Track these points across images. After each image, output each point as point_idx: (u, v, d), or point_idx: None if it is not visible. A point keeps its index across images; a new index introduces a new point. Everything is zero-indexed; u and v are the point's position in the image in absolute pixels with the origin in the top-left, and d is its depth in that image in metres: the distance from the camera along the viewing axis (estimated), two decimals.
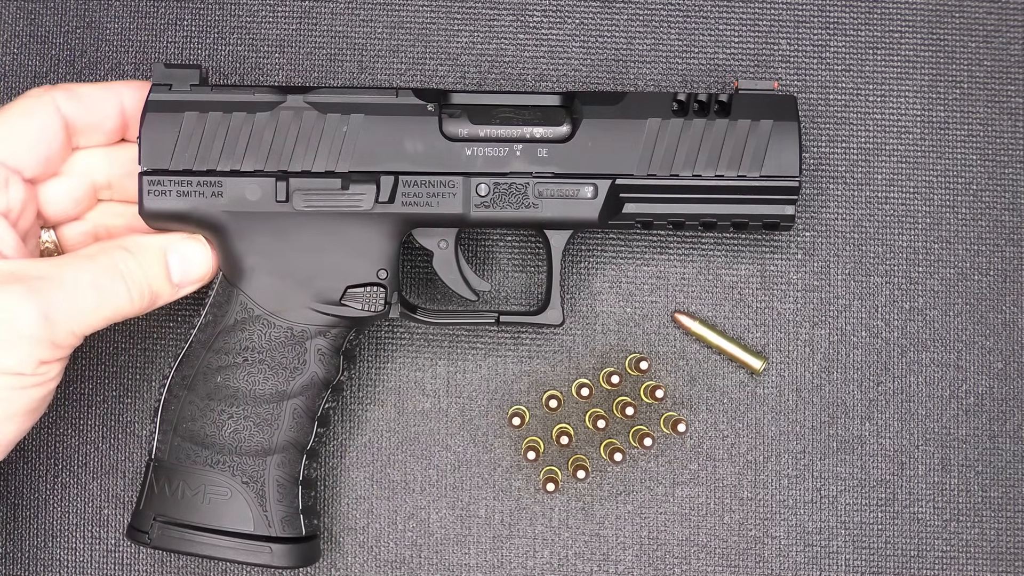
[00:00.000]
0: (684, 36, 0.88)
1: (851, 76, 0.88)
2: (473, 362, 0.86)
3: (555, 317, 0.81)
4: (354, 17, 0.88)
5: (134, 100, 0.78)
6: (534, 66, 0.87)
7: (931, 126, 0.88)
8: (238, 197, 0.77)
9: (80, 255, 0.74)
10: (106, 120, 0.78)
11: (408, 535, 0.86)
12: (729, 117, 0.79)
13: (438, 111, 0.78)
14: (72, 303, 0.72)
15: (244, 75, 0.87)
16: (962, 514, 0.86)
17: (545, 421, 0.86)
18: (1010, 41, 0.88)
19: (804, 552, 0.86)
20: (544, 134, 0.78)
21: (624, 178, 0.78)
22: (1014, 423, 0.87)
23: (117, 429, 0.86)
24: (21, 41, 0.88)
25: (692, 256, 0.87)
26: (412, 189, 0.78)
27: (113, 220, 0.81)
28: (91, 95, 0.77)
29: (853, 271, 0.87)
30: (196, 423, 0.77)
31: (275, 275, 0.77)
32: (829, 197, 0.87)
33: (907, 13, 0.88)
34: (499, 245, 0.87)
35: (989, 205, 0.87)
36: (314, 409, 0.78)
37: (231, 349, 0.77)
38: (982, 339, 0.87)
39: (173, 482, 0.77)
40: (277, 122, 0.77)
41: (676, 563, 0.86)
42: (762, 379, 0.86)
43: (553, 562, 0.86)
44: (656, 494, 0.86)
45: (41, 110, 0.76)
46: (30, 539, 0.85)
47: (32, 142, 0.76)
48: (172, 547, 0.76)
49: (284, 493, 0.78)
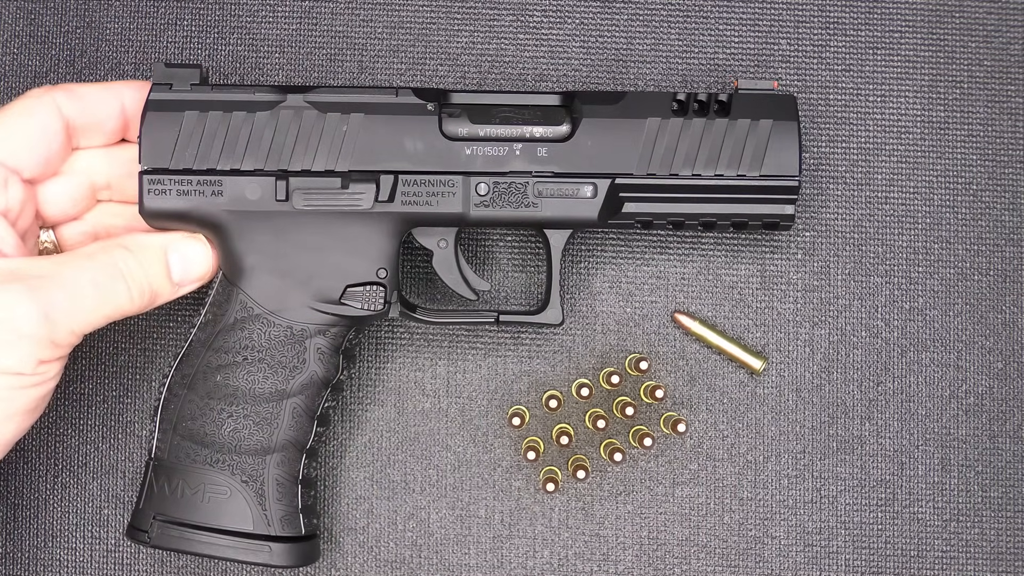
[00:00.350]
0: (684, 36, 0.88)
1: (851, 76, 0.88)
2: (473, 362, 0.86)
3: (555, 317, 0.81)
4: (354, 17, 0.88)
5: (135, 100, 0.78)
6: (534, 66, 0.88)
7: (931, 126, 0.88)
8: (238, 196, 0.77)
9: (80, 254, 0.74)
10: (107, 120, 0.78)
11: (408, 535, 0.86)
12: (729, 117, 0.79)
13: (438, 110, 0.78)
14: (72, 302, 0.71)
15: (244, 75, 0.87)
16: (962, 514, 0.86)
17: (545, 421, 0.86)
18: (1010, 41, 0.88)
19: (804, 552, 0.86)
20: (544, 133, 0.78)
21: (624, 177, 0.78)
22: (1014, 423, 0.87)
23: (117, 429, 0.86)
24: (21, 41, 0.88)
25: (692, 256, 0.87)
26: (412, 188, 0.78)
27: (112, 220, 0.81)
28: (92, 95, 0.77)
29: (853, 271, 0.87)
30: (196, 422, 0.77)
31: (275, 274, 0.77)
32: (829, 197, 0.87)
33: (907, 13, 0.88)
34: (499, 245, 0.87)
35: (989, 205, 0.87)
36: (314, 408, 0.78)
37: (231, 348, 0.77)
38: (982, 339, 0.87)
39: (173, 481, 0.77)
40: (277, 121, 0.77)
41: (676, 563, 0.86)
42: (762, 379, 0.86)
43: (553, 562, 0.86)
44: (656, 494, 0.86)
45: (42, 110, 0.76)
46: (30, 539, 0.85)
47: (32, 142, 0.76)
48: (172, 546, 0.76)
49: (284, 492, 0.78)
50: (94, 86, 0.78)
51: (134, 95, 0.78)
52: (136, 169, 0.78)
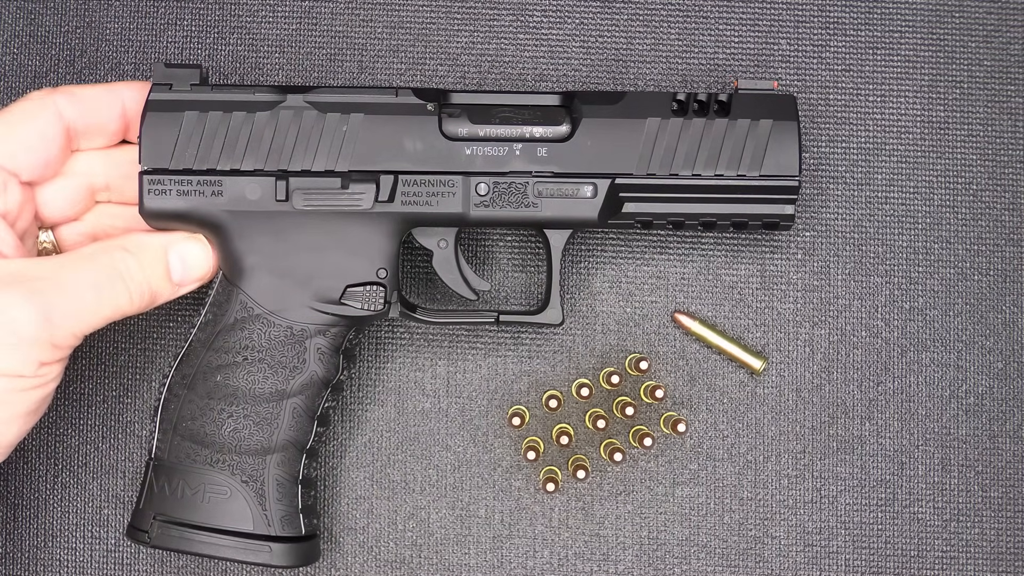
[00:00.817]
0: (684, 36, 0.88)
1: (851, 76, 0.88)
2: (473, 362, 0.86)
3: (555, 317, 0.81)
4: (354, 17, 0.88)
5: (135, 101, 0.78)
6: (534, 66, 0.87)
7: (931, 126, 0.88)
8: (238, 196, 0.77)
9: (79, 255, 0.74)
10: (108, 123, 0.78)
11: (408, 535, 0.86)
12: (729, 117, 0.79)
13: (438, 111, 0.78)
14: (72, 304, 0.71)
15: (244, 75, 0.87)
16: (962, 514, 0.86)
17: (545, 421, 0.86)
18: (1010, 41, 0.88)
19: (804, 552, 0.86)
20: (544, 133, 0.78)
21: (623, 177, 0.78)
22: (1014, 423, 0.87)
23: (117, 429, 0.86)
24: (21, 41, 0.88)
25: (692, 256, 0.87)
26: (412, 188, 0.78)
27: (111, 221, 0.81)
28: (92, 98, 0.77)
29: (853, 271, 0.87)
30: (196, 422, 0.77)
31: (275, 274, 0.77)
32: (829, 197, 0.87)
33: (907, 13, 0.88)
34: (499, 245, 0.87)
35: (989, 205, 0.87)
36: (314, 408, 0.78)
37: (231, 348, 0.77)
38: (982, 339, 0.87)
39: (173, 481, 0.77)
40: (277, 121, 0.77)
41: (676, 563, 0.86)
42: (762, 379, 0.86)
43: (553, 562, 0.86)
44: (656, 494, 0.86)
45: (42, 114, 0.76)
46: (30, 539, 0.85)
47: (32, 146, 0.76)
48: (172, 546, 0.76)
49: (284, 492, 0.78)
50: (94, 88, 0.78)
51: (134, 96, 0.78)
52: (135, 170, 0.78)
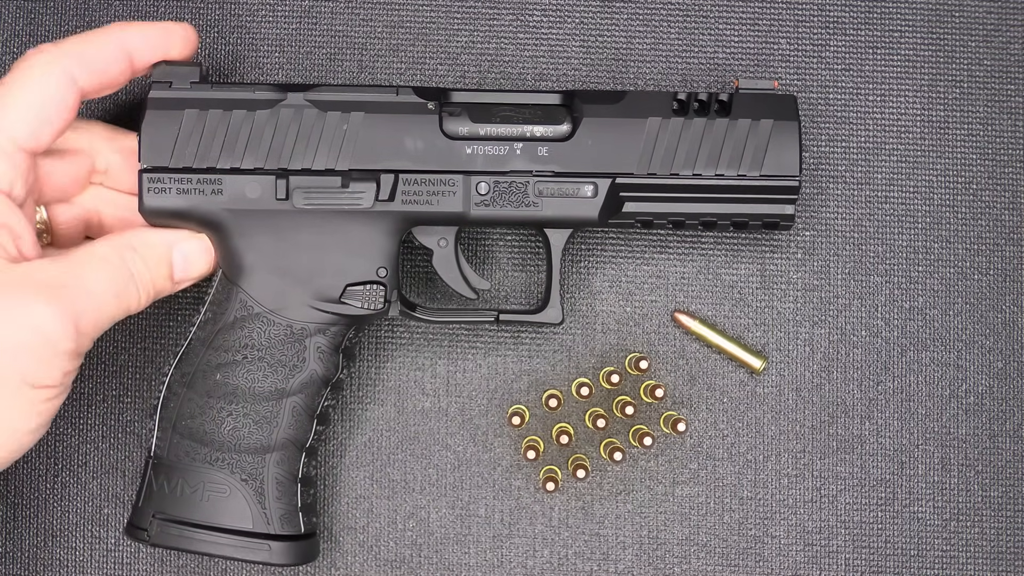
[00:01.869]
0: (684, 36, 0.88)
1: (851, 76, 0.88)
2: (473, 361, 0.86)
3: (555, 316, 0.81)
4: (354, 16, 0.88)
5: (141, 48, 0.76)
6: (534, 65, 0.88)
7: (931, 126, 0.88)
8: (238, 195, 0.77)
9: (93, 256, 0.73)
10: (117, 78, 0.76)
11: (408, 534, 0.86)
12: (729, 116, 0.79)
13: (438, 109, 0.78)
14: (96, 311, 0.71)
15: (244, 74, 0.87)
16: (962, 514, 0.86)
17: (545, 420, 0.86)
18: (1010, 41, 0.88)
19: (804, 552, 0.86)
20: (544, 133, 0.78)
21: (624, 177, 0.78)
22: (1014, 423, 0.87)
23: (117, 428, 0.86)
24: (21, 41, 0.88)
25: (692, 255, 0.87)
26: (412, 187, 0.78)
27: (104, 207, 0.80)
28: (100, 57, 0.75)
29: (853, 271, 0.87)
30: (195, 420, 0.77)
31: (275, 273, 0.77)
32: (829, 197, 0.87)
33: (907, 13, 0.88)
34: (499, 244, 0.87)
35: (989, 205, 0.87)
36: (313, 407, 0.78)
37: (231, 347, 0.77)
38: (982, 339, 0.87)
39: (172, 479, 0.77)
40: (277, 120, 0.77)
41: (676, 563, 0.86)
42: (762, 379, 0.86)
43: (553, 562, 0.85)
44: (656, 493, 0.86)
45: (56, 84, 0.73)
46: (30, 539, 0.85)
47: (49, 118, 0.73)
48: (171, 544, 0.76)
49: (283, 491, 0.78)
50: (98, 42, 0.75)
51: (139, 43, 0.76)
52: (134, 163, 0.78)
